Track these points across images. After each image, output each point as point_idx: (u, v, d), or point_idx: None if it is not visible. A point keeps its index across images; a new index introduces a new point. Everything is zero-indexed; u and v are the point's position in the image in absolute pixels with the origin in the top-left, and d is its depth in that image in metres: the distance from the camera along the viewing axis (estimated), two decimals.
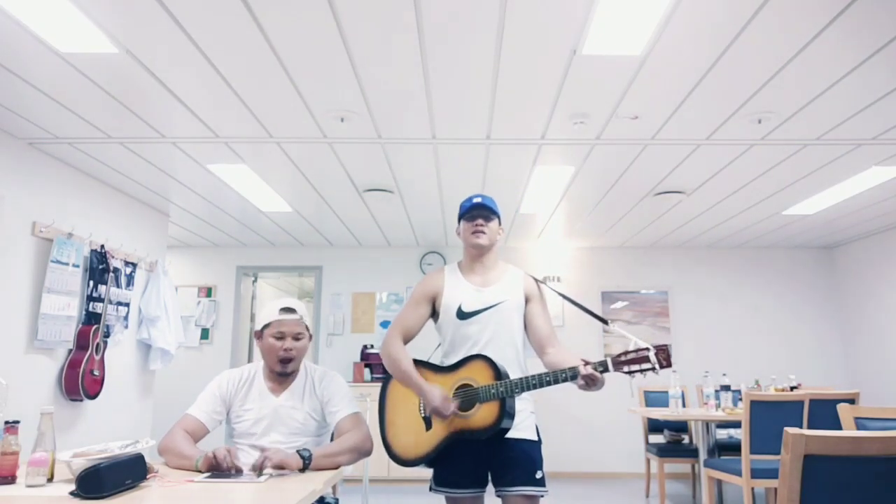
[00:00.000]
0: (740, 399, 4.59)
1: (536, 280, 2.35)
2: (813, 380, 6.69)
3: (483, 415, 2.06)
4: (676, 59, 2.86)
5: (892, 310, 6.12)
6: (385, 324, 6.89)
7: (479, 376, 2.10)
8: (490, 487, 2.18)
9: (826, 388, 5.42)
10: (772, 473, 3.71)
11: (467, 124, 3.64)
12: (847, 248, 6.81)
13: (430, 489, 2.22)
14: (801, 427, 3.51)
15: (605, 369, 1.97)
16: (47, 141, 3.84)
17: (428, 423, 2.15)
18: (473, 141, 3.89)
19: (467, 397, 2.10)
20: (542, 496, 2.12)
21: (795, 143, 3.89)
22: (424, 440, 2.15)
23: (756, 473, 3.72)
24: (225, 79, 3.05)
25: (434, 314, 2.32)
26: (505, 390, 2.04)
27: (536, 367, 2.13)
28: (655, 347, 1.94)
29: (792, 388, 4.72)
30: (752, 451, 3.72)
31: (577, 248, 7.13)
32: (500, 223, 2.34)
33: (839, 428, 2.43)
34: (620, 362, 1.98)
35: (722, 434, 5.45)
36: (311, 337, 2.35)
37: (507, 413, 2.05)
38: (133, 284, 4.93)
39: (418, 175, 4.56)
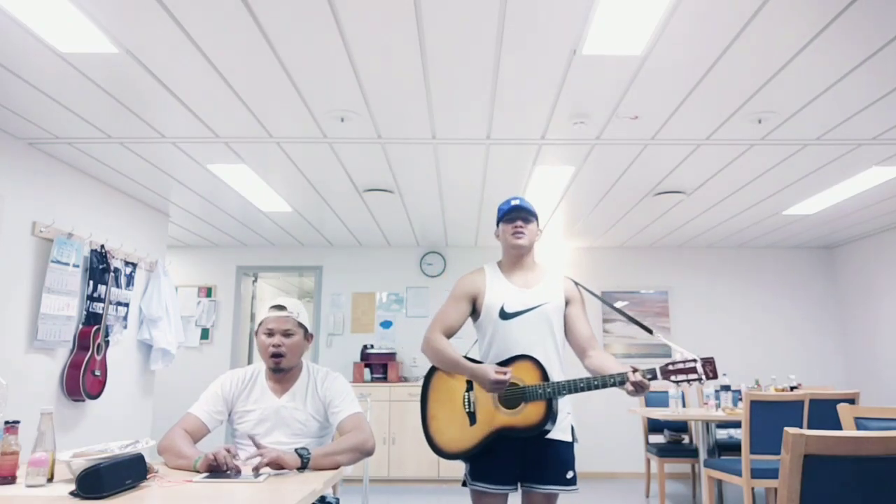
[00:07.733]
0: (740, 399, 4.59)
1: (576, 283, 2.40)
2: (813, 380, 6.69)
3: (528, 414, 2.10)
4: (676, 59, 2.87)
5: (891, 310, 6.12)
6: (385, 324, 6.89)
7: (525, 376, 2.14)
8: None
9: (826, 388, 5.42)
10: (772, 473, 3.71)
11: (467, 124, 3.64)
12: (847, 248, 6.81)
13: (464, 484, 2.25)
14: (801, 427, 3.51)
15: (654, 377, 2.05)
16: (47, 141, 3.84)
17: (472, 419, 2.18)
18: (473, 141, 3.89)
19: (513, 395, 2.14)
20: (563, 493, 2.17)
21: (795, 143, 3.89)
22: (468, 435, 2.18)
23: (756, 473, 3.72)
24: (225, 79, 3.05)
25: (473, 313, 2.36)
26: (553, 391, 2.08)
27: (574, 369, 2.15)
28: (702, 360, 2.04)
29: (792, 388, 4.71)
30: (752, 451, 3.72)
31: (577, 248, 7.13)
32: (538, 224, 2.39)
33: (839, 428, 2.43)
34: (669, 371, 2.07)
35: (722, 434, 5.44)
36: (310, 336, 2.33)
37: (552, 414, 2.09)
38: (133, 284, 4.93)
39: (418, 175, 4.56)
